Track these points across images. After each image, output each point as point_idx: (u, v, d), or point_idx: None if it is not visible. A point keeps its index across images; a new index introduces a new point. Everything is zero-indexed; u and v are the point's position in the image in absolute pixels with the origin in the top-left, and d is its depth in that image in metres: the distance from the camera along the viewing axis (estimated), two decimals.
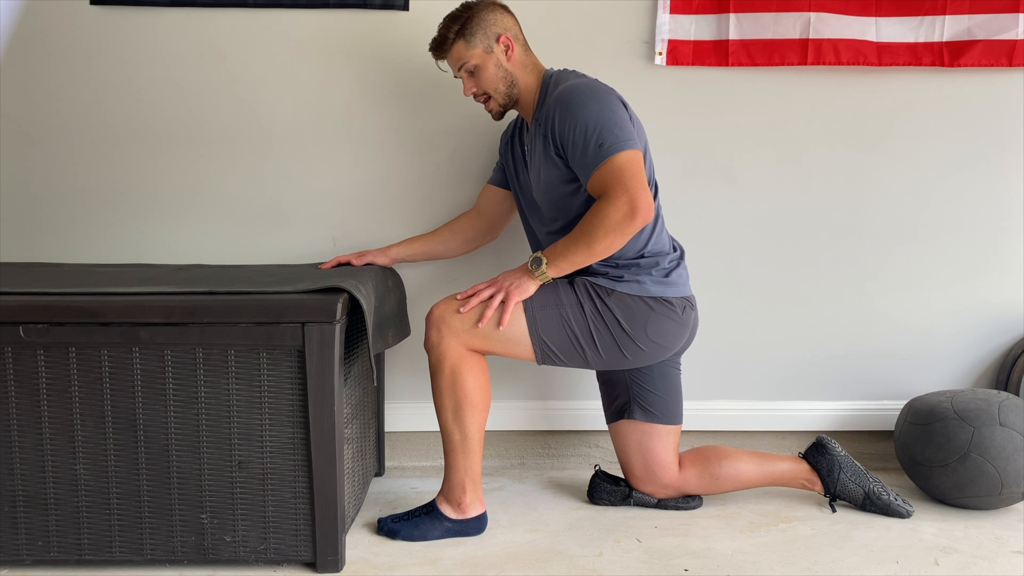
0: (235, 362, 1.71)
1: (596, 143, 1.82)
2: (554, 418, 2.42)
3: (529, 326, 1.89)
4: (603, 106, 1.85)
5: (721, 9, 2.29)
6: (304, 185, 2.35)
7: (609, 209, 1.80)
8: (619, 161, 1.81)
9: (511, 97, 2.01)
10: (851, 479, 2.08)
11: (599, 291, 1.91)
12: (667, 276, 1.96)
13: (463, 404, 1.88)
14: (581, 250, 1.84)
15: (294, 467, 1.75)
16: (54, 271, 2.05)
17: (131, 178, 2.33)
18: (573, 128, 1.84)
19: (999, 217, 2.39)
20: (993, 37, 2.28)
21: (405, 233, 2.33)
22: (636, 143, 1.84)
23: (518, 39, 2.00)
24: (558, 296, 1.91)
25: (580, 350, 1.92)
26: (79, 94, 2.31)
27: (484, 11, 1.96)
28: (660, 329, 1.93)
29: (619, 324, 1.90)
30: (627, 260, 1.94)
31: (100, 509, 1.74)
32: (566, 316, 1.90)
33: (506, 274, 1.91)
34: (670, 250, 2.02)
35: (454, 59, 1.99)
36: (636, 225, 1.81)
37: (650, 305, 1.92)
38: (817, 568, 1.81)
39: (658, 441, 2.06)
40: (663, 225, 2.02)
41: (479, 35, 1.95)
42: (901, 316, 2.42)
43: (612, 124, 1.83)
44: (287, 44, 2.30)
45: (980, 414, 2.06)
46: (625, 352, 1.93)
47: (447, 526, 1.94)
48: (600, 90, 1.90)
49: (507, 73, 1.98)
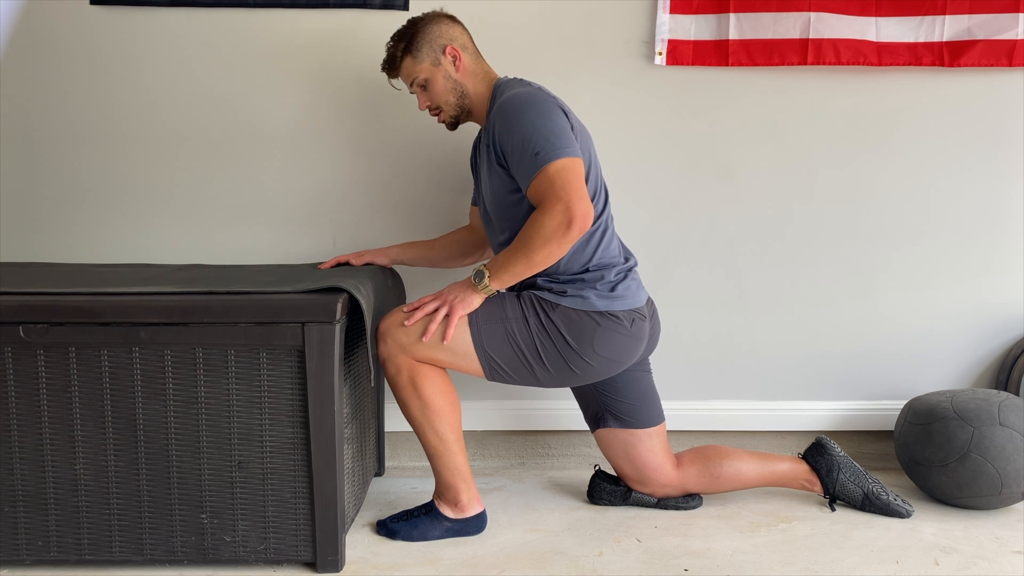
0: (235, 362, 1.71)
1: (532, 152, 1.79)
2: (554, 418, 2.42)
3: (474, 340, 1.86)
4: (540, 115, 1.82)
5: (721, 9, 2.29)
6: (304, 185, 2.35)
7: (544, 218, 1.77)
8: (554, 169, 1.77)
9: (462, 108, 2.01)
10: (850, 479, 2.08)
11: (544, 305, 1.88)
12: (613, 290, 1.90)
13: (427, 413, 1.87)
14: (521, 261, 1.81)
15: (294, 467, 1.75)
16: (54, 271, 2.04)
17: (131, 178, 2.34)
18: (511, 137, 1.82)
19: (999, 217, 2.39)
20: (993, 37, 2.28)
21: (405, 233, 2.34)
22: (573, 151, 1.80)
23: (466, 48, 1.99)
24: (504, 310, 1.88)
25: (528, 366, 1.89)
26: (79, 94, 2.31)
27: (429, 24, 1.97)
28: (608, 344, 1.89)
29: (564, 339, 1.86)
30: (571, 275, 1.90)
31: (100, 509, 1.74)
32: (511, 331, 1.87)
33: (452, 287, 1.89)
34: (619, 261, 1.96)
35: (405, 75, 2.00)
36: (572, 234, 1.77)
37: (596, 320, 1.87)
38: (817, 568, 1.81)
39: (642, 445, 2.06)
40: (612, 236, 1.97)
41: (425, 49, 1.96)
42: (901, 316, 2.42)
43: (548, 132, 1.79)
44: (287, 44, 2.30)
45: (980, 414, 2.06)
46: (573, 367, 1.89)
47: (447, 526, 1.94)
48: (539, 99, 1.86)
49: (456, 84, 1.98)
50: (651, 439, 2.06)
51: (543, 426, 2.44)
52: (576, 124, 1.91)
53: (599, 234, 1.92)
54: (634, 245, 2.38)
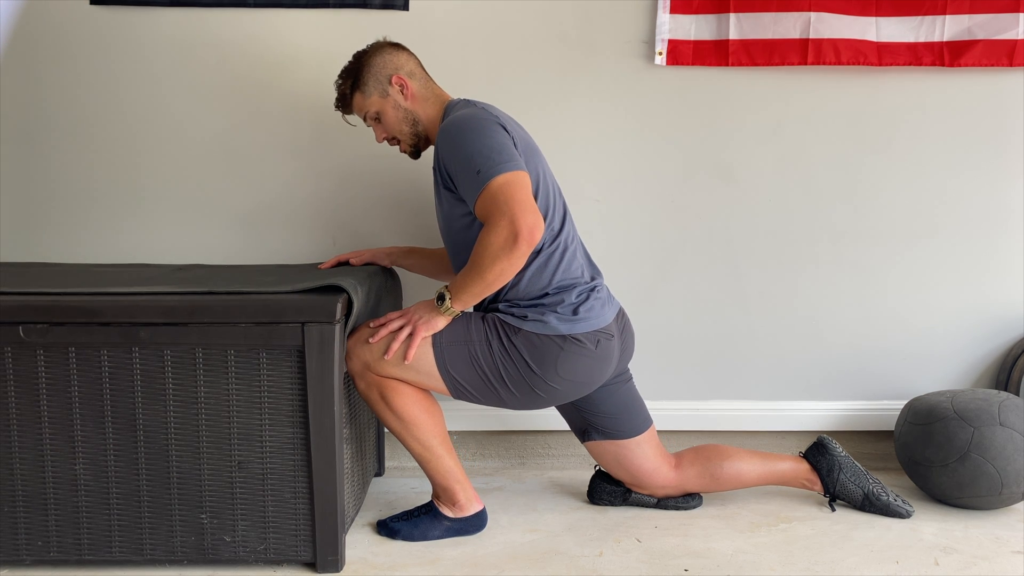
0: (235, 362, 1.71)
1: (474, 171, 1.76)
2: (554, 418, 2.41)
3: (437, 361, 1.83)
4: (479, 134, 1.79)
5: (721, 9, 2.29)
6: (304, 185, 2.35)
7: (491, 236, 1.73)
8: (495, 185, 1.73)
9: (417, 135, 2.00)
10: (850, 479, 2.08)
11: (507, 329, 1.84)
12: (575, 312, 1.85)
13: (405, 423, 1.87)
14: (476, 281, 1.77)
15: (294, 467, 1.74)
16: (54, 271, 2.04)
17: (131, 178, 2.34)
18: (454, 160, 1.81)
19: (1000, 217, 2.39)
20: (993, 37, 2.28)
21: (404, 233, 2.34)
22: (516, 165, 1.76)
23: (413, 75, 1.98)
24: (468, 331, 1.85)
25: (492, 388, 1.86)
26: (79, 94, 2.31)
27: (373, 56, 1.96)
28: (572, 367, 1.84)
29: (527, 363, 1.83)
30: (531, 300, 1.86)
31: (100, 509, 1.74)
32: (474, 353, 1.84)
33: (418, 306, 1.86)
34: (581, 282, 1.90)
35: (357, 111, 2.01)
36: (521, 248, 1.72)
37: (558, 344, 1.83)
38: (817, 568, 1.81)
39: (632, 454, 2.05)
40: (574, 255, 1.91)
41: (371, 82, 1.95)
42: (901, 316, 2.42)
43: (488, 150, 1.76)
44: (287, 44, 2.30)
45: (980, 414, 2.06)
46: (538, 391, 1.86)
47: (447, 525, 1.94)
48: (479, 118, 1.83)
49: (407, 112, 1.97)
50: (640, 447, 2.05)
51: (543, 426, 2.44)
52: (522, 141, 1.87)
53: (558, 255, 1.87)
54: (634, 245, 2.39)
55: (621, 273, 2.28)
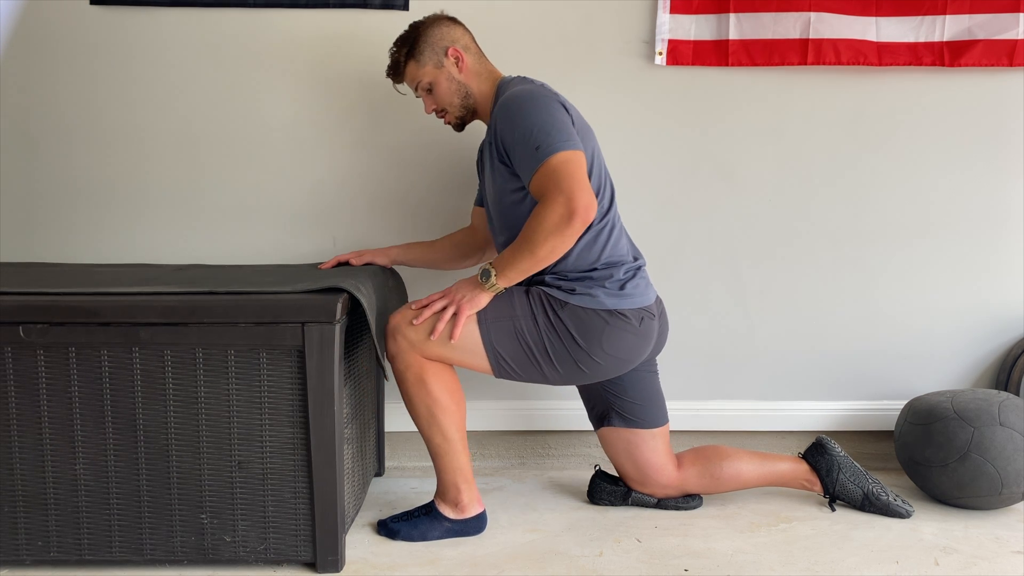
0: (235, 362, 1.71)
1: (533, 146, 1.79)
2: (554, 418, 2.43)
3: (483, 337, 1.86)
4: (540, 110, 1.83)
5: (721, 9, 2.29)
6: (304, 185, 2.35)
7: (546, 212, 1.76)
8: (554, 163, 1.77)
9: (467, 108, 2.02)
10: (850, 479, 2.08)
11: (553, 303, 1.87)
12: (622, 288, 1.89)
13: (434, 410, 1.87)
14: (525, 257, 1.80)
15: (294, 467, 1.74)
16: (54, 271, 2.05)
17: (131, 178, 2.34)
18: (512, 133, 1.83)
19: (1000, 217, 2.39)
20: (993, 37, 2.28)
21: (405, 233, 2.34)
22: (573, 144, 1.80)
23: (469, 49, 2.00)
24: (512, 307, 1.88)
25: (536, 363, 1.88)
26: (79, 94, 2.31)
27: (430, 28, 1.98)
28: (616, 342, 1.88)
29: (573, 338, 1.86)
30: (579, 273, 1.89)
31: (100, 509, 1.74)
32: (519, 328, 1.86)
33: (459, 285, 1.88)
34: (628, 259, 1.95)
35: (409, 80, 2.02)
36: (575, 227, 1.76)
37: (604, 318, 1.86)
38: (817, 568, 1.81)
39: (645, 445, 2.06)
40: (620, 234, 1.97)
41: (428, 52, 1.97)
42: (901, 316, 2.42)
43: (548, 127, 1.79)
44: (287, 44, 2.30)
45: (980, 414, 2.06)
46: (582, 366, 1.89)
47: (447, 526, 1.94)
48: (540, 95, 1.87)
49: (460, 85, 1.99)
50: (655, 439, 2.06)
51: (543, 426, 2.44)
52: (578, 120, 1.92)
53: (607, 231, 1.92)
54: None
55: None
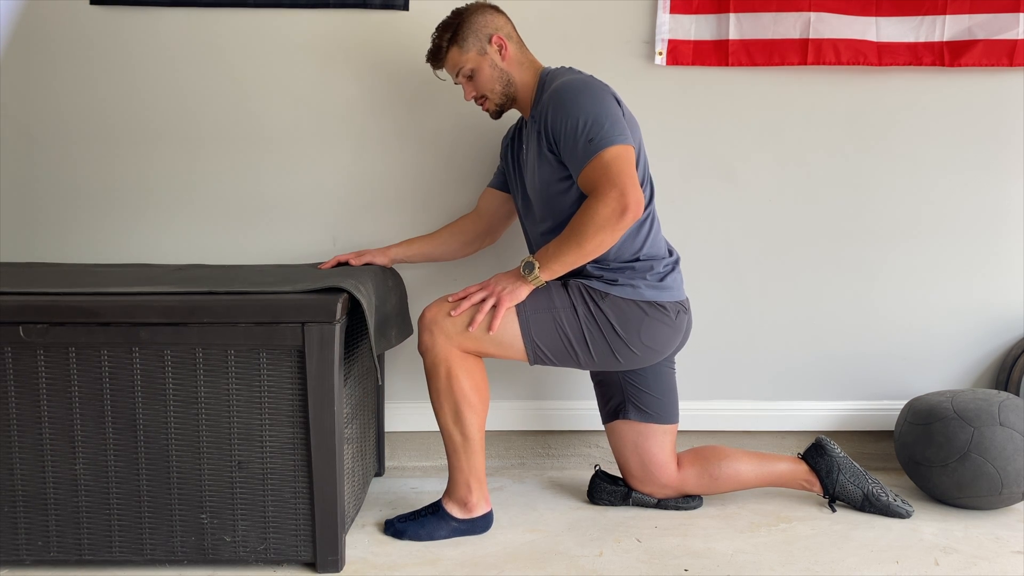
0: (235, 362, 1.71)
1: (587, 138, 1.81)
2: (554, 418, 2.42)
3: (522, 329, 1.87)
4: (595, 101, 1.84)
5: (721, 9, 2.29)
6: (304, 185, 2.35)
7: (598, 205, 1.78)
8: (608, 156, 1.79)
9: (508, 96, 2.01)
10: (850, 480, 2.08)
11: (593, 294, 1.90)
12: (662, 280, 1.94)
13: (461, 405, 1.88)
14: (572, 250, 1.82)
15: (294, 467, 1.75)
16: (54, 271, 2.05)
17: (131, 178, 2.33)
18: (565, 123, 1.84)
19: (999, 217, 2.39)
20: (993, 37, 2.28)
21: (405, 233, 2.33)
22: (627, 138, 1.82)
23: (511, 37, 2.00)
24: (551, 299, 1.89)
25: (573, 352, 1.91)
26: (79, 94, 2.31)
27: (474, 14, 1.98)
28: (654, 333, 1.92)
29: (612, 328, 1.89)
30: (622, 263, 1.93)
31: (100, 509, 1.74)
32: (559, 319, 1.88)
33: (499, 277, 1.90)
34: (665, 254, 1.99)
35: (451, 66, 2.01)
36: (626, 221, 1.79)
37: (644, 310, 1.90)
38: (817, 568, 1.81)
39: (654, 441, 2.06)
40: (659, 228, 2.00)
41: (471, 39, 1.96)
42: (901, 316, 2.42)
43: (603, 119, 1.81)
44: (287, 44, 2.30)
45: (980, 414, 2.06)
46: (618, 356, 1.92)
47: (454, 526, 1.94)
48: (594, 86, 1.89)
49: (503, 73, 1.99)
50: (664, 436, 2.07)
51: (543, 426, 2.44)
52: (627, 113, 1.93)
53: (648, 224, 1.95)
54: None
55: None
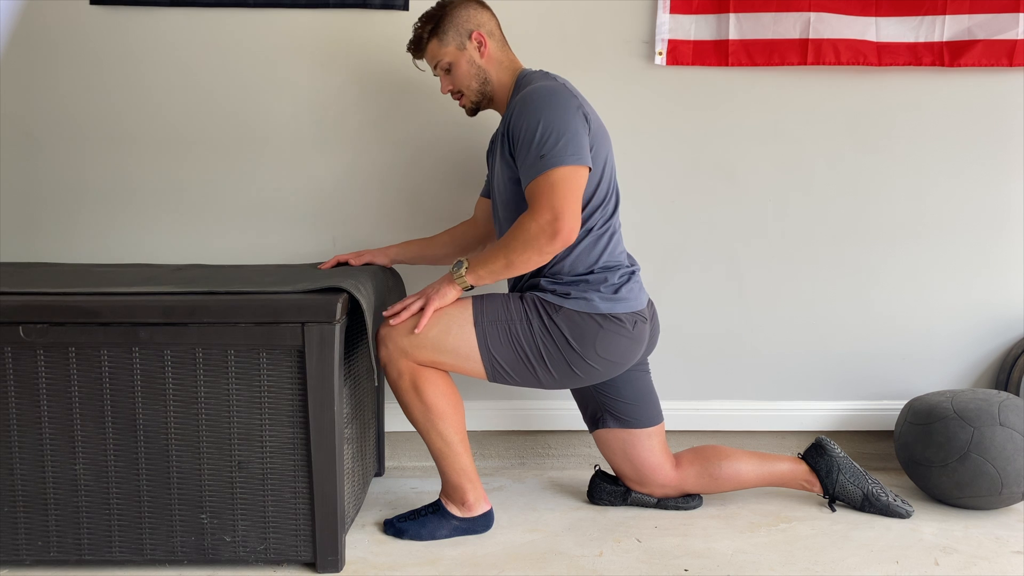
0: (235, 362, 1.71)
1: (539, 152, 1.77)
2: (554, 418, 2.42)
3: (479, 340, 1.84)
4: (557, 114, 1.80)
5: (721, 9, 2.29)
6: (304, 185, 2.35)
7: (531, 224, 1.76)
8: (556, 176, 1.76)
9: (484, 94, 2.00)
10: (850, 480, 2.08)
11: (547, 307, 1.86)
12: (616, 292, 1.88)
13: (431, 416, 1.87)
14: (500, 260, 1.81)
15: (294, 467, 1.75)
16: (54, 271, 2.04)
17: (131, 178, 2.34)
18: (524, 130, 1.81)
19: (999, 217, 2.39)
20: (993, 37, 2.28)
21: (404, 233, 2.33)
22: (581, 159, 1.78)
23: (493, 35, 1.98)
24: (508, 311, 1.87)
25: (530, 367, 1.87)
26: (79, 94, 2.31)
27: (458, 8, 1.96)
28: (610, 346, 1.87)
29: (567, 341, 1.85)
30: (576, 276, 1.88)
31: (100, 509, 1.74)
32: (514, 331, 1.86)
33: (432, 284, 1.89)
34: (623, 265, 1.94)
35: (430, 57, 2.00)
36: (555, 246, 1.77)
37: (599, 322, 1.85)
38: (817, 568, 1.81)
39: (641, 446, 2.05)
40: (619, 240, 1.96)
41: (451, 32, 1.95)
42: (901, 316, 2.42)
43: (561, 135, 1.77)
44: (287, 44, 2.30)
45: (980, 414, 2.06)
46: (576, 369, 1.88)
47: (454, 524, 1.94)
48: (561, 96, 1.84)
49: (480, 70, 1.97)
50: (650, 439, 2.06)
51: (543, 426, 2.44)
52: (595, 124, 1.90)
53: (607, 237, 1.91)
54: (634, 245, 2.38)
55: None
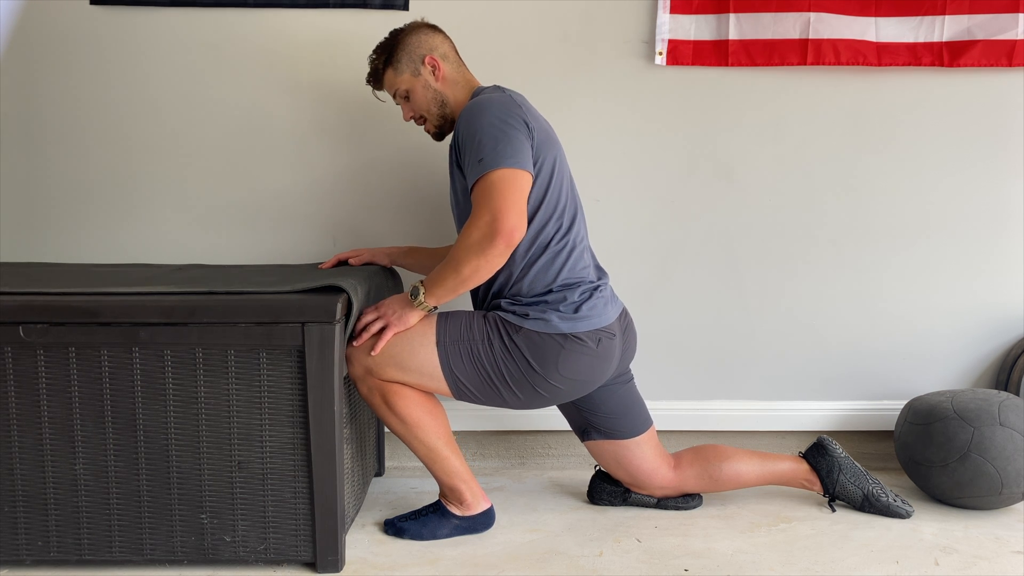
0: (235, 362, 1.71)
1: (477, 157, 1.76)
2: (554, 418, 2.41)
3: (441, 361, 1.82)
4: (496, 121, 1.78)
5: (721, 9, 2.29)
6: (304, 185, 2.35)
7: (471, 229, 1.74)
8: (493, 178, 1.73)
9: (444, 117, 1.99)
10: (850, 480, 2.08)
11: (508, 327, 1.83)
12: (577, 311, 1.83)
13: (408, 427, 1.86)
14: (451, 274, 1.77)
15: (294, 467, 1.75)
16: (54, 271, 2.04)
17: (131, 178, 2.34)
18: (466, 139, 1.80)
19: (999, 217, 2.39)
20: (993, 37, 2.28)
21: (404, 233, 2.34)
22: (520, 163, 1.75)
23: (447, 57, 1.98)
24: (470, 331, 1.84)
25: (494, 388, 1.84)
26: (79, 94, 2.31)
27: (409, 35, 1.97)
28: (574, 366, 1.83)
29: (528, 362, 1.81)
30: (534, 297, 1.85)
31: (100, 509, 1.74)
32: (476, 351, 1.83)
33: (392, 300, 1.85)
34: (585, 281, 1.89)
35: (387, 87, 2.01)
36: (498, 247, 1.72)
37: (559, 342, 1.81)
38: (817, 568, 1.81)
39: (631, 454, 2.05)
40: (581, 255, 1.90)
41: (404, 60, 1.96)
42: (901, 316, 2.43)
43: (497, 141, 1.75)
44: (287, 44, 2.30)
45: (980, 414, 2.06)
46: (540, 390, 1.85)
47: (455, 523, 1.94)
48: (502, 105, 1.82)
49: (436, 93, 1.97)
50: (640, 447, 2.05)
51: (543, 426, 2.44)
52: (541, 135, 1.85)
53: (564, 253, 1.87)
54: (634, 245, 2.39)
55: (621, 273, 2.28)
